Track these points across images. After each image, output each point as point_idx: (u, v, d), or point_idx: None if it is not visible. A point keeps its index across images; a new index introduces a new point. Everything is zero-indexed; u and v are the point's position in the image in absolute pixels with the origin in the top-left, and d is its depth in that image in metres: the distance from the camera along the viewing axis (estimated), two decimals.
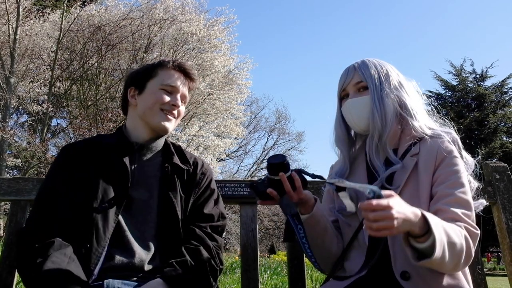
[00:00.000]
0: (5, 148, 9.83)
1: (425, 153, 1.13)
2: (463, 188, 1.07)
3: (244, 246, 1.56)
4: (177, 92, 1.26)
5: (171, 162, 1.24)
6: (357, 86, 1.19)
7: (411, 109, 1.18)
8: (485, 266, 2.86)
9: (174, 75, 1.26)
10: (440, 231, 0.91)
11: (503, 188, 1.61)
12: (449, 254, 0.93)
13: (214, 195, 1.29)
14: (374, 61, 1.22)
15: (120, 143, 1.23)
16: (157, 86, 1.24)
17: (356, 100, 1.18)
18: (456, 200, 1.04)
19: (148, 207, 1.17)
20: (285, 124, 25.32)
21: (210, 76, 11.64)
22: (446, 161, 1.10)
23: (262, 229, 21.64)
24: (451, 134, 1.18)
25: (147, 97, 1.24)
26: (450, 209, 1.03)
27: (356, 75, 1.20)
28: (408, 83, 1.24)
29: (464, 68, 19.96)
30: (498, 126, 18.28)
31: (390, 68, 1.23)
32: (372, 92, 1.16)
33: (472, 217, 1.05)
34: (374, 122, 1.15)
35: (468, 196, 1.07)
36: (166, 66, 1.26)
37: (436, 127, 1.20)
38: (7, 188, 1.52)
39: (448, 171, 1.09)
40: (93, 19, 10.64)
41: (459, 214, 1.02)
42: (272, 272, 6.19)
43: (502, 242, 1.58)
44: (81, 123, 9.46)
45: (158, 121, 1.23)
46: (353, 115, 1.19)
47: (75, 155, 1.19)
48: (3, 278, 1.39)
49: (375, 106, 1.15)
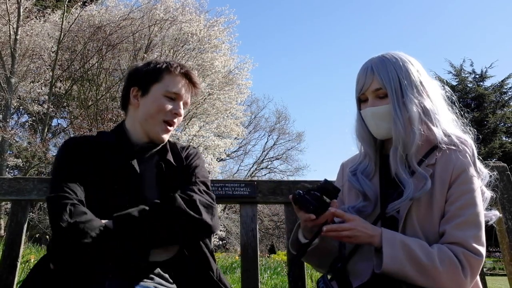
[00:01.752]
0: (6, 148, 9.84)
1: (441, 166, 1.09)
2: (475, 210, 1.04)
3: (244, 246, 1.56)
4: (180, 100, 1.25)
5: (165, 159, 1.25)
6: (376, 93, 1.13)
7: (432, 113, 1.12)
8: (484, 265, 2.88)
9: (179, 82, 1.25)
10: (393, 247, 1.01)
11: (502, 188, 1.61)
12: (411, 269, 0.98)
13: (196, 169, 1.27)
14: (393, 59, 1.14)
15: (121, 142, 1.23)
16: (161, 92, 1.23)
17: (375, 110, 1.13)
18: (465, 224, 1.03)
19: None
20: (285, 124, 25.32)
21: (210, 76, 11.64)
22: (461, 178, 1.07)
23: (262, 228, 21.64)
24: (468, 143, 1.12)
25: (150, 103, 1.23)
26: (455, 233, 1.02)
27: (375, 80, 1.12)
28: (429, 81, 1.16)
29: (464, 68, 19.94)
30: (497, 126, 18.24)
31: (411, 66, 1.14)
32: (393, 100, 1.10)
33: (480, 239, 1.03)
34: (397, 132, 1.09)
35: (479, 217, 1.05)
36: (172, 72, 1.24)
37: (454, 132, 1.14)
38: (8, 188, 1.52)
39: (462, 189, 1.06)
40: (94, 20, 10.64)
41: (463, 239, 1.01)
42: (272, 272, 6.19)
43: (502, 242, 1.58)
44: (81, 123, 9.46)
45: (158, 132, 1.23)
46: (372, 125, 1.15)
47: (79, 149, 1.19)
48: (3, 278, 1.39)
49: (396, 114, 1.09)
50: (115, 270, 1.01)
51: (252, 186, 1.62)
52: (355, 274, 1.11)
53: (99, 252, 1.00)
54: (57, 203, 1.06)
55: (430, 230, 1.06)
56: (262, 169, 23.57)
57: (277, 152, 24.13)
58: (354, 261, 1.13)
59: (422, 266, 0.98)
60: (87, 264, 1.00)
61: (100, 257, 1.00)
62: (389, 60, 1.14)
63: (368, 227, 1.04)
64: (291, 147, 24.06)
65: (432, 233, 1.06)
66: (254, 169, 23.12)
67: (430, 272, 0.98)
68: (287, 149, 24.02)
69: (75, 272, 1.00)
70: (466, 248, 1.00)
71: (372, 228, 1.04)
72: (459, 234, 1.02)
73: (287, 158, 23.91)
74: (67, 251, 1.01)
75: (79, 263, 1.00)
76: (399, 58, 1.15)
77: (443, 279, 0.98)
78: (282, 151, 24.08)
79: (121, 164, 1.18)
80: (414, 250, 1.00)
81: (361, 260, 1.11)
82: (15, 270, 1.40)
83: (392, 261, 0.99)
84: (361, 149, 1.24)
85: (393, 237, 1.03)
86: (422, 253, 1.00)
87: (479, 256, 1.01)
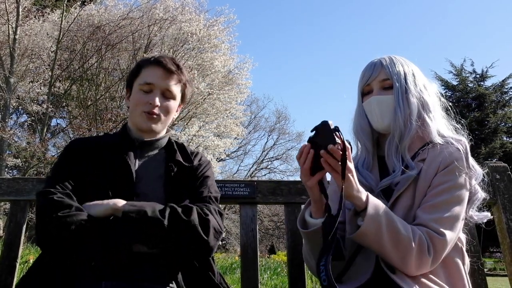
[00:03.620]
0: (5, 148, 9.82)
1: (430, 160, 1.11)
2: (447, 197, 1.05)
3: (244, 246, 1.55)
4: (155, 89, 1.23)
5: (174, 159, 1.25)
6: (382, 84, 1.18)
7: (430, 112, 1.16)
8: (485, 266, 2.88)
9: (152, 71, 1.23)
10: (377, 211, 0.99)
11: (503, 188, 1.60)
12: (389, 238, 0.98)
13: (209, 182, 1.27)
14: (401, 59, 1.21)
15: (122, 140, 1.25)
16: (137, 87, 1.24)
17: (380, 98, 1.17)
18: (433, 207, 1.04)
19: (149, 201, 1.17)
20: (285, 124, 25.42)
21: (210, 76, 11.64)
22: (446, 170, 1.09)
23: (262, 229, 21.63)
24: (462, 142, 1.16)
25: (132, 100, 1.26)
26: (421, 215, 1.04)
27: (382, 72, 1.18)
28: (430, 85, 1.23)
29: (464, 68, 19.91)
30: (498, 126, 18.22)
31: (417, 69, 1.22)
32: (397, 91, 1.15)
33: (443, 221, 1.03)
34: (396, 122, 1.14)
35: (451, 205, 1.05)
36: (147, 63, 1.24)
37: (449, 134, 1.18)
38: (7, 188, 1.52)
39: (443, 179, 1.08)
40: (93, 19, 10.63)
41: (425, 220, 1.03)
42: (272, 273, 6.19)
43: (503, 242, 1.57)
44: (80, 123, 9.45)
45: (141, 122, 1.23)
46: (376, 113, 1.18)
47: (81, 149, 1.21)
48: (2, 279, 1.38)
49: (399, 105, 1.14)
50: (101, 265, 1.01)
51: (252, 186, 1.62)
52: (355, 274, 1.10)
53: (81, 246, 1.00)
54: (43, 197, 1.07)
55: (411, 217, 1.09)
56: (262, 169, 23.59)
57: (277, 152, 24.16)
58: (356, 261, 1.12)
59: (399, 237, 0.99)
60: (71, 258, 1.00)
61: (81, 251, 1.00)
62: (397, 59, 1.21)
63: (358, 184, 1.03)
64: (291, 147, 24.06)
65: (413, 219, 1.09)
66: (254, 169, 23.12)
67: (404, 245, 0.99)
68: (287, 149, 24.04)
69: (66, 265, 1.01)
70: (428, 227, 1.02)
71: (361, 188, 1.03)
72: (424, 217, 1.04)
73: (287, 158, 23.92)
74: (50, 244, 1.02)
75: (63, 256, 1.01)
76: (406, 60, 1.22)
77: (413, 254, 0.98)
78: (282, 151, 24.11)
79: (118, 160, 1.18)
80: (395, 221, 1.01)
81: (361, 260, 1.11)
82: (14, 270, 1.40)
83: (373, 223, 0.98)
84: (358, 145, 1.27)
85: (379, 203, 1.03)
86: (402, 225, 1.01)
87: (441, 236, 1.01)
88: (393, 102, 1.15)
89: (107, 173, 1.15)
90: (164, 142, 1.30)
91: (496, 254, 14.28)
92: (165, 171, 1.22)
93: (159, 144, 1.28)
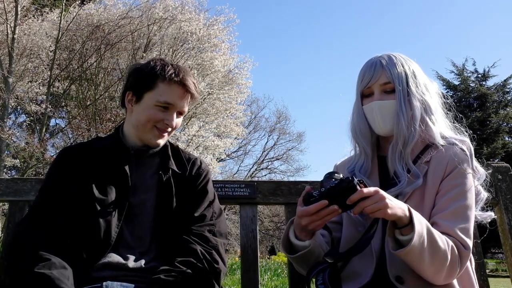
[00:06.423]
0: (4, 149, 9.79)
1: (436, 162, 1.10)
2: (465, 202, 1.05)
3: (244, 247, 1.55)
4: (173, 109, 1.19)
5: (166, 167, 1.22)
6: (384, 87, 1.14)
7: (433, 114, 1.14)
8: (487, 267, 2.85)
9: (173, 91, 1.17)
10: (422, 226, 0.95)
11: (505, 189, 1.60)
12: (429, 253, 0.94)
13: (209, 196, 1.24)
14: (401, 58, 1.17)
15: (117, 147, 1.21)
16: (153, 102, 1.16)
17: (382, 103, 1.13)
18: (454, 214, 1.03)
19: (144, 210, 1.17)
20: (285, 124, 25.33)
21: (210, 76, 11.62)
22: (454, 173, 1.08)
23: (262, 230, 21.63)
24: (465, 143, 1.14)
25: (142, 111, 1.18)
26: (444, 223, 1.02)
27: (383, 74, 1.13)
28: (431, 85, 1.20)
29: (466, 68, 19.83)
30: (500, 126, 18.16)
31: (417, 67, 1.18)
32: (399, 95, 1.11)
33: (468, 232, 1.03)
34: (399, 127, 1.11)
35: (467, 210, 1.05)
36: (167, 79, 1.16)
37: (451, 135, 1.16)
38: (5, 189, 1.51)
39: (454, 183, 1.07)
40: (92, 18, 10.61)
41: (452, 229, 1.01)
42: (273, 273, 6.20)
43: (505, 243, 1.56)
44: (80, 123, 9.43)
45: (150, 138, 1.20)
46: (378, 118, 1.14)
47: (72, 159, 1.18)
48: (1, 280, 1.37)
49: (401, 110, 1.11)
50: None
51: (252, 186, 1.61)
52: (355, 274, 1.09)
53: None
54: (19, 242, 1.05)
55: None
56: (262, 170, 23.58)
57: (277, 153, 24.15)
58: (353, 261, 1.11)
59: (438, 251, 0.96)
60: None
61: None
62: (397, 58, 1.16)
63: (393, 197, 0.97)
64: (292, 147, 24.07)
65: None
66: (254, 169, 23.11)
67: (441, 258, 0.96)
68: (287, 149, 24.03)
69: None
70: (456, 239, 1.01)
71: (397, 200, 0.98)
72: (450, 225, 1.02)
73: (288, 159, 23.92)
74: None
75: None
76: (406, 58, 1.18)
77: (446, 267, 0.97)
78: (282, 152, 24.10)
79: (114, 170, 1.16)
80: (433, 233, 0.97)
81: (360, 260, 1.10)
82: None
83: (419, 239, 0.93)
84: (356, 148, 1.24)
85: (418, 214, 0.98)
86: (438, 236, 0.97)
87: (466, 249, 1.01)
88: (396, 107, 1.12)
89: (102, 184, 1.13)
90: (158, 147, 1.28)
91: (498, 255, 14.25)
92: (157, 178, 1.20)
93: (154, 149, 1.25)
